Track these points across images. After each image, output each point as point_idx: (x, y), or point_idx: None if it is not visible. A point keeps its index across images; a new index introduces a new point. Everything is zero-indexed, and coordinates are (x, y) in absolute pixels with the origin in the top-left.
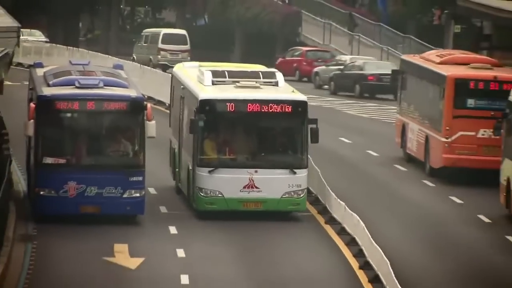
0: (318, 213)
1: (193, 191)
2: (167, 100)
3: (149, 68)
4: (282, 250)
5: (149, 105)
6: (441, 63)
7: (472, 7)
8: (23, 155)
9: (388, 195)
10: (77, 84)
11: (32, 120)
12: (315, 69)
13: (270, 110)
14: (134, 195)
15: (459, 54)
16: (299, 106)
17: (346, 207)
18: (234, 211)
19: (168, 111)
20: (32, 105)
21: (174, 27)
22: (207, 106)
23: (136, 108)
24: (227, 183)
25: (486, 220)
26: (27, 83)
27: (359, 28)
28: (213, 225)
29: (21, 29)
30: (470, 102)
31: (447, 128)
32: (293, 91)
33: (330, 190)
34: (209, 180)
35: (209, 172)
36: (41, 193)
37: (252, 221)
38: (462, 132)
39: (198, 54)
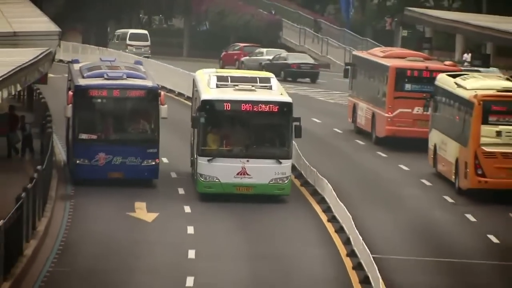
0: (295, 177)
1: (196, 176)
2: None
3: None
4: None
5: (162, 92)
6: (384, 57)
7: (416, 16)
8: (63, 132)
9: (350, 163)
10: (105, 76)
11: (70, 105)
12: (241, 59)
13: (260, 110)
14: (150, 163)
15: (397, 50)
16: (285, 107)
17: (318, 173)
18: (229, 194)
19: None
20: (70, 93)
21: (182, 32)
22: (207, 105)
23: (152, 95)
24: (223, 170)
25: (428, 183)
26: (66, 75)
27: (327, 32)
28: None
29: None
30: (407, 86)
31: (390, 106)
32: (281, 94)
33: (305, 160)
34: (208, 167)
35: (208, 160)
36: (77, 162)
37: None
38: (401, 109)
39: (201, 53)
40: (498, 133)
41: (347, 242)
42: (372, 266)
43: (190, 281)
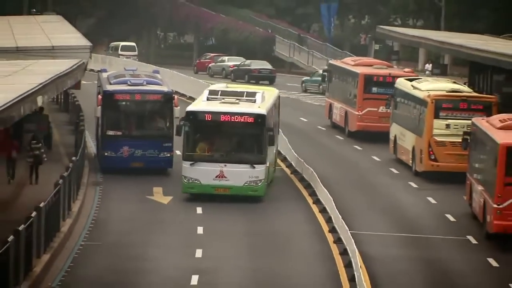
0: (286, 167)
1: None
2: None
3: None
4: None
5: (176, 96)
6: (355, 65)
7: (386, 33)
8: (93, 129)
9: (331, 155)
10: (129, 83)
11: (99, 106)
12: (209, 65)
13: (237, 120)
14: (166, 155)
15: (365, 59)
16: (259, 118)
17: (305, 163)
18: (208, 194)
19: None
20: (100, 96)
21: (192, 46)
22: (190, 116)
23: (167, 98)
24: (203, 173)
25: (395, 171)
26: (96, 82)
27: (312, 46)
28: None
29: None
30: (374, 89)
31: (359, 106)
32: (259, 107)
33: (294, 152)
34: (191, 170)
35: (191, 164)
36: (105, 154)
37: None
38: (369, 108)
39: None
40: (447, 126)
41: (329, 220)
42: (349, 240)
43: (199, 253)
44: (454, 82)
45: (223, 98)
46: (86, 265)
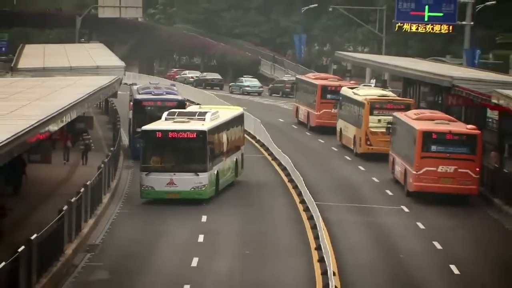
0: (268, 155)
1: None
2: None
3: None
4: (248, 165)
5: (187, 103)
6: (314, 78)
7: (342, 57)
8: (126, 127)
9: (301, 146)
10: (152, 93)
11: (131, 110)
12: (175, 76)
13: (182, 136)
14: None
15: (322, 74)
16: (201, 134)
17: (281, 151)
18: (162, 198)
19: None
20: (131, 103)
21: (200, 66)
22: (144, 133)
23: (180, 104)
24: (156, 181)
25: (335, 149)
26: (128, 92)
27: (288, 65)
28: None
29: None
30: (328, 96)
31: (318, 108)
32: (202, 124)
33: (273, 143)
34: (146, 179)
35: (146, 174)
36: (137, 145)
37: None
38: (324, 110)
39: None
40: (379, 120)
41: (299, 194)
42: (315, 209)
43: (201, 238)
44: (383, 90)
45: (178, 118)
46: (121, 228)
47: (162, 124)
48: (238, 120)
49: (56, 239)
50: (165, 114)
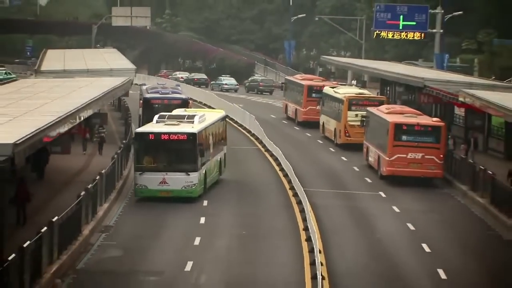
0: (262, 147)
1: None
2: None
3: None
4: (244, 156)
5: (190, 101)
6: (301, 79)
7: (327, 60)
8: (136, 122)
9: (291, 139)
10: (160, 92)
11: (140, 108)
12: (168, 77)
13: (173, 138)
14: None
15: (308, 75)
16: (191, 136)
17: (273, 143)
18: (155, 196)
19: None
20: (141, 101)
21: (201, 69)
22: (138, 136)
23: (184, 102)
24: (150, 180)
25: (321, 142)
26: (139, 91)
27: (279, 68)
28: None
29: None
30: (313, 94)
31: (304, 105)
32: (192, 127)
33: (266, 136)
34: (140, 179)
35: (140, 174)
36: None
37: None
38: (310, 107)
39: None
40: (356, 115)
41: (290, 181)
42: (303, 195)
43: (202, 220)
44: (360, 89)
45: (168, 120)
46: (132, 211)
47: (154, 127)
48: (221, 122)
49: (74, 221)
50: (156, 117)
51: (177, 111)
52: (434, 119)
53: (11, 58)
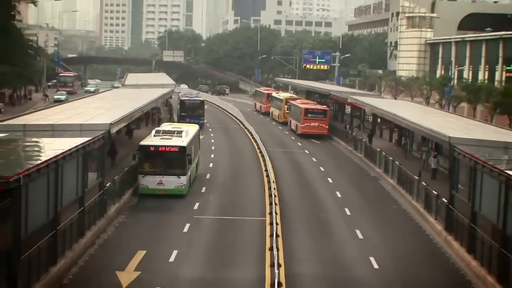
0: (243, 126)
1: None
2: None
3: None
4: (232, 132)
5: (205, 101)
6: (264, 90)
7: (278, 80)
8: (176, 112)
9: (263, 126)
10: (188, 96)
11: (178, 105)
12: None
13: (168, 150)
14: (202, 121)
15: (269, 88)
16: (182, 148)
17: (253, 130)
18: (154, 194)
19: None
20: (178, 101)
21: (209, 85)
22: (141, 147)
23: (202, 102)
24: (149, 181)
25: (274, 123)
26: (177, 96)
27: (253, 84)
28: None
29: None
30: (269, 98)
31: (265, 103)
32: (183, 141)
33: (249, 124)
34: (142, 180)
35: (142, 176)
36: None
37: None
38: (268, 104)
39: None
40: (288, 107)
41: (258, 147)
42: (265, 152)
43: (208, 176)
44: (292, 94)
45: (163, 135)
46: (148, 200)
47: (153, 140)
48: (197, 134)
49: (124, 183)
50: (153, 132)
51: (166, 126)
52: (323, 106)
53: (106, 77)
